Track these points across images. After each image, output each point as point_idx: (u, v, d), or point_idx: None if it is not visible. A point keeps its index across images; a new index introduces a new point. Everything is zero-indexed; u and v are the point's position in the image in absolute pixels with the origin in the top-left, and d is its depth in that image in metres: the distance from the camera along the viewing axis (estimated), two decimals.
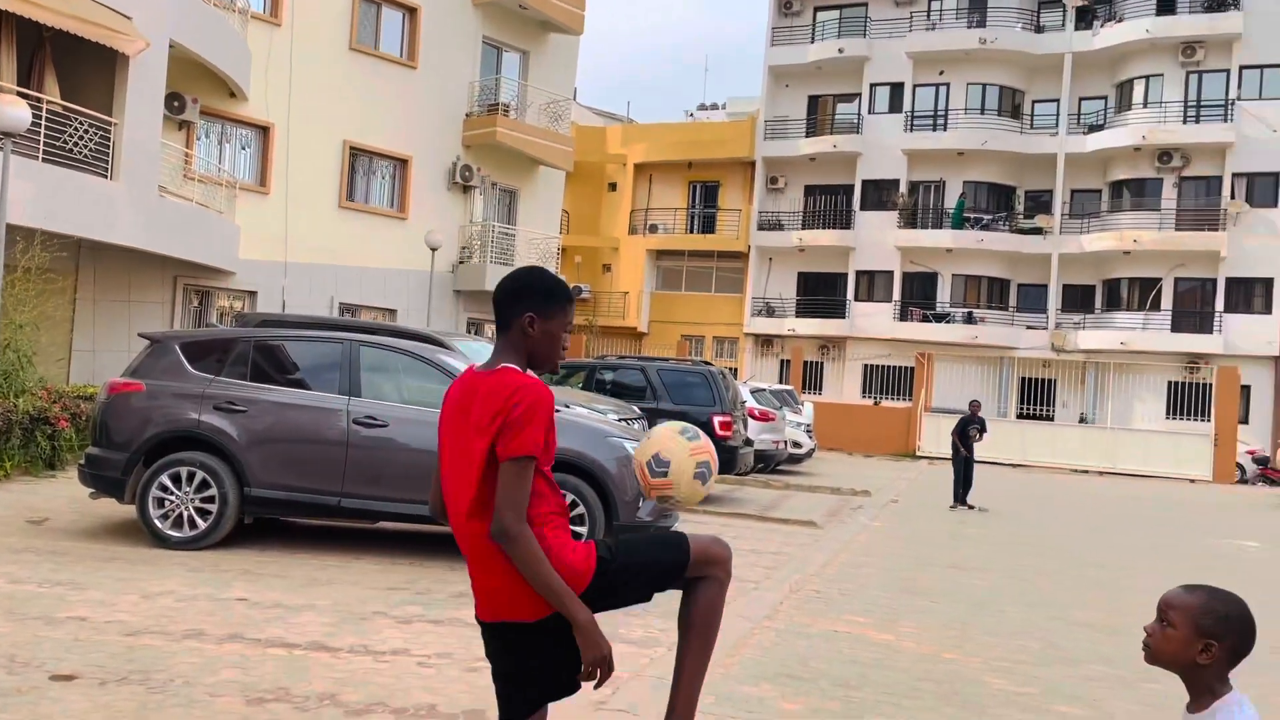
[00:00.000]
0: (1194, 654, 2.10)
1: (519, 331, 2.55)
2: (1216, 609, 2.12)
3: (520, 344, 2.55)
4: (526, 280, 2.59)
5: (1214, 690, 2.12)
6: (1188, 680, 2.15)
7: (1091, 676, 5.72)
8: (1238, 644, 2.11)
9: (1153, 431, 26.91)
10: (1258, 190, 29.48)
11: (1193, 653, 2.10)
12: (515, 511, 2.38)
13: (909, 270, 33.24)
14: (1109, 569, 9.88)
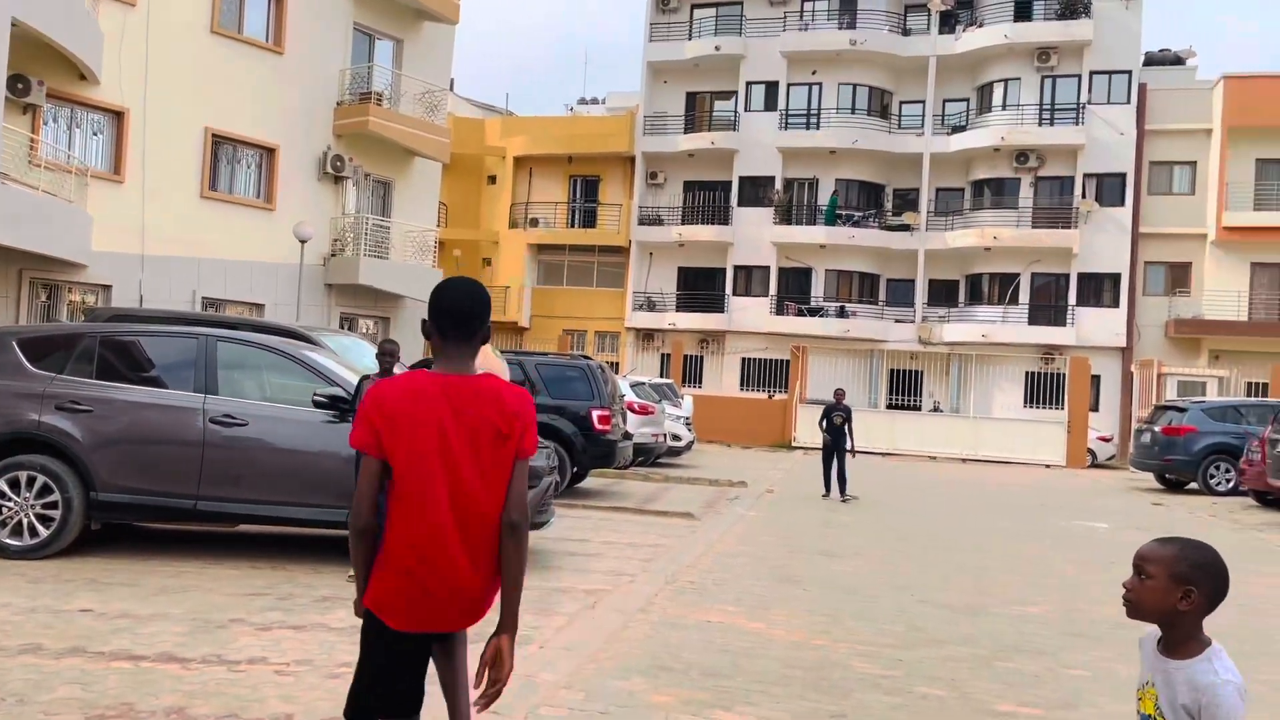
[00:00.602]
0: (1174, 602, 2.17)
1: (480, 340, 2.67)
2: (1191, 556, 2.19)
3: (472, 352, 2.66)
4: (485, 296, 2.69)
5: (1196, 638, 2.18)
6: (1168, 629, 2.21)
7: (952, 657, 5.92)
8: (1213, 590, 2.18)
9: (1012, 420, 28.20)
10: (1106, 190, 31.22)
11: (1173, 600, 2.17)
12: (527, 506, 2.63)
13: (785, 266, 33.93)
14: (971, 552, 10.28)
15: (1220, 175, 29.87)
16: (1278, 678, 5.82)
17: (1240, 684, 2.12)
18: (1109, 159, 30.91)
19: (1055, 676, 5.58)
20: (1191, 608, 2.16)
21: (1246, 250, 29.99)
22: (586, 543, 9.12)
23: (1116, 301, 30.91)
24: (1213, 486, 18.07)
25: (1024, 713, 4.88)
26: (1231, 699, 2.09)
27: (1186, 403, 19.64)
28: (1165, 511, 15.49)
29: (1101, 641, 6.50)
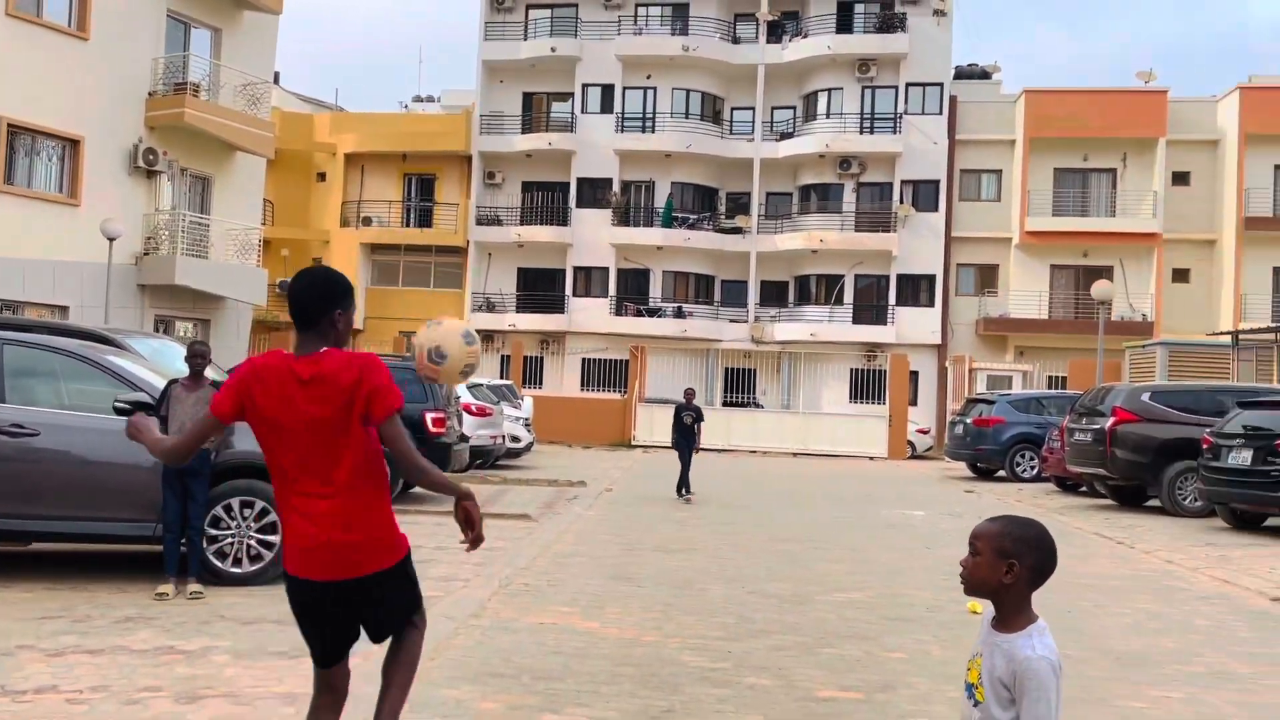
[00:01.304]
0: (1000, 576, 2.24)
1: (328, 325, 2.97)
2: (1014, 532, 2.27)
3: (329, 335, 2.97)
4: (331, 281, 3.03)
5: (1023, 612, 2.25)
6: (998, 603, 2.28)
7: (779, 646, 6.09)
8: (1036, 562, 2.25)
9: (838, 415, 29.43)
10: (922, 196, 33.02)
11: (998, 574, 2.24)
12: (415, 451, 2.96)
13: (623, 267, 34.26)
14: (800, 543, 10.63)
15: (1023, 183, 32.09)
16: (1075, 652, 6.25)
17: (1055, 661, 2.20)
18: (924, 166, 32.70)
19: (875, 660, 5.82)
20: (1014, 581, 2.23)
21: (1046, 253, 32.34)
22: (418, 549, 8.83)
23: (932, 301, 32.72)
24: (1019, 474, 19.37)
25: (845, 697, 5.07)
26: (1044, 674, 2.17)
27: (994, 396, 21.00)
28: (976, 499, 16.48)
29: (919, 624, 6.84)
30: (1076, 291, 31.33)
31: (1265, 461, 11.27)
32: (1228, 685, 5.54)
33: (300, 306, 2.98)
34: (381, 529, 3.01)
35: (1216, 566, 9.65)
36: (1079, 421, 14.86)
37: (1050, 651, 2.21)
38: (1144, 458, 13.71)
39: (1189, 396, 14.29)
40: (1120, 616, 7.33)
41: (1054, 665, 2.20)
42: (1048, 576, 2.30)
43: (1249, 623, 7.28)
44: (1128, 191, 32.02)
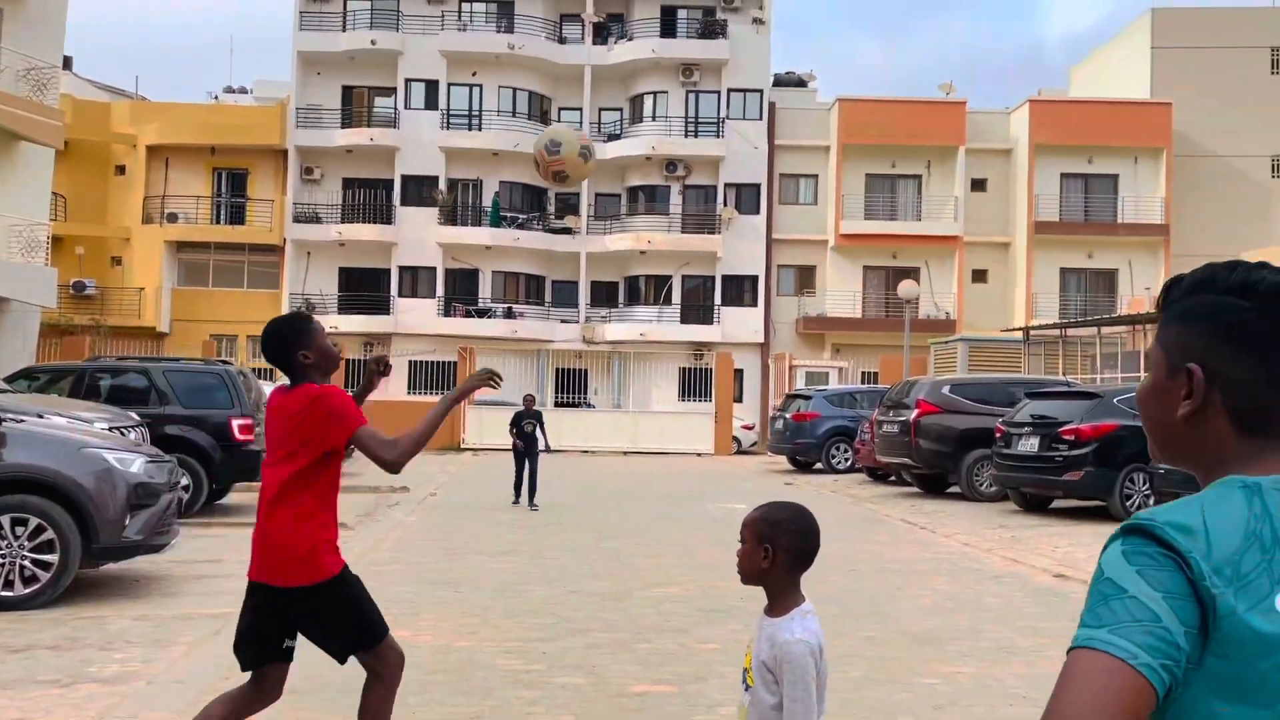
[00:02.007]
0: (759, 562, 2.25)
1: (298, 366, 3.36)
2: (770, 516, 2.28)
3: (301, 374, 3.35)
4: (280, 333, 3.40)
5: (787, 596, 2.26)
6: (766, 588, 2.29)
7: (596, 644, 6.08)
8: (792, 545, 2.25)
9: (668, 413, 29.90)
10: (744, 199, 34.00)
11: (758, 561, 2.25)
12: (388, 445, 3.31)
13: (451, 267, 33.65)
14: (623, 539, 10.70)
15: (837, 188, 33.54)
16: (876, 634, 6.54)
17: (814, 643, 2.21)
18: (746, 170, 33.68)
19: (689, 653, 5.90)
20: (772, 565, 2.25)
21: (859, 255, 33.92)
22: (221, 563, 8.41)
23: (755, 301, 33.75)
24: (834, 465, 20.22)
25: (658, 691, 5.10)
26: (801, 657, 2.18)
27: (811, 391, 21.85)
28: (794, 490, 17.06)
29: (732, 615, 6.98)
30: (887, 291, 33.00)
31: (1050, 448, 12.17)
32: (1013, 658, 5.92)
33: (270, 360, 3.44)
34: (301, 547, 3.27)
35: (1008, 547, 10.33)
36: (887, 414, 15.62)
37: (810, 634, 2.23)
38: (945, 447, 14.55)
39: (984, 389, 15.27)
40: (919, 598, 7.73)
41: (813, 648, 2.22)
42: (809, 558, 2.31)
43: (1034, 599, 7.81)
44: (932, 197, 33.99)
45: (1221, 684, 1.01)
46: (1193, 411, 1.15)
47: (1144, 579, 1.02)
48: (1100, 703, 0.96)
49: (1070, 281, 33.44)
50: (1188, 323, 1.17)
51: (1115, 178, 33.33)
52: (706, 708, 4.83)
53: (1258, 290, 1.14)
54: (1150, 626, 0.99)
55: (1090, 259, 33.22)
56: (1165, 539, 1.03)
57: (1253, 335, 1.13)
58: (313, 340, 3.38)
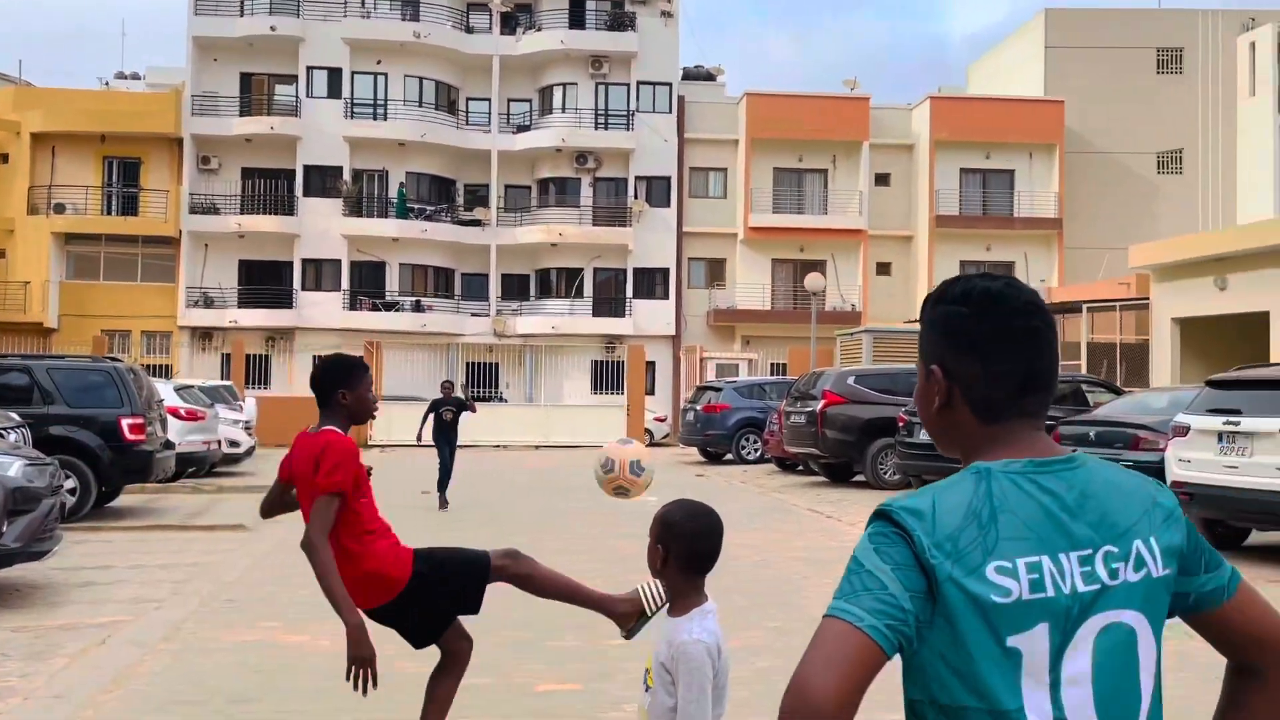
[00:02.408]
0: (656, 560, 2.23)
1: (336, 403, 3.56)
2: (665, 517, 2.23)
3: (338, 412, 3.56)
4: (332, 368, 3.64)
5: (686, 595, 2.22)
6: (667, 587, 2.27)
7: (504, 642, 5.99)
8: (684, 548, 2.22)
9: (580, 406, 29.81)
10: (654, 192, 34.08)
11: (656, 559, 2.23)
12: (318, 532, 3.34)
13: (357, 259, 32.95)
14: (534, 534, 10.58)
15: (746, 181, 33.88)
16: (783, 623, 6.59)
17: (711, 644, 2.18)
18: (656, 163, 33.76)
19: (596, 650, 5.86)
20: (665, 566, 2.23)
21: (768, 248, 34.34)
22: (109, 569, 8.06)
23: (667, 294, 33.89)
24: (744, 456, 20.43)
25: (563, 690, 5.05)
26: (697, 658, 2.15)
27: (722, 383, 22.03)
28: (705, 481, 17.19)
29: None
30: (795, 284, 33.49)
31: None
32: None
33: (313, 388, 3.63)
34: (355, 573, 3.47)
35: None
36: (794, 405, 15.84)
37: (708, 634, 2.20)
38: (850, 436, 14.82)
39: (888, 379, 15.59)
40: (825, 586, 7.82)
41: (709, 648, 2.19)
42: (705, 559, 2.27)
43: None
44: (837, 190, 34.59)
45: (949, 640, 1.19)
46: (941, 405, 1.33)
47: (878, 554, 1.20)
48: (832, 661, 1.13)
49: (970, 273, 34.41)
50: (931, 331, 1.36)
51: (1011, 173, 34.42)
52: (611, 704, 4.80)
53: (972, 297, 1.33)
54: (878, 594, 1.17)
55: (988, 251, 34.25)
56: (897, 520, 1.22)
57: (973, 337, 1.31)
58: (357, 386, 3.60)
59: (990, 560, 1.20)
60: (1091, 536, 1.24)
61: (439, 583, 3.70)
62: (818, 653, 1.15)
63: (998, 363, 1.30)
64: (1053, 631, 1.21)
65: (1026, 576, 1.20)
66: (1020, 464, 1.26)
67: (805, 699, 1.12)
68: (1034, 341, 1.31)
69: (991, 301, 1.32)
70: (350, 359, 3.82)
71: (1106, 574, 1.24)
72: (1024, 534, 1.21)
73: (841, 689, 1.12)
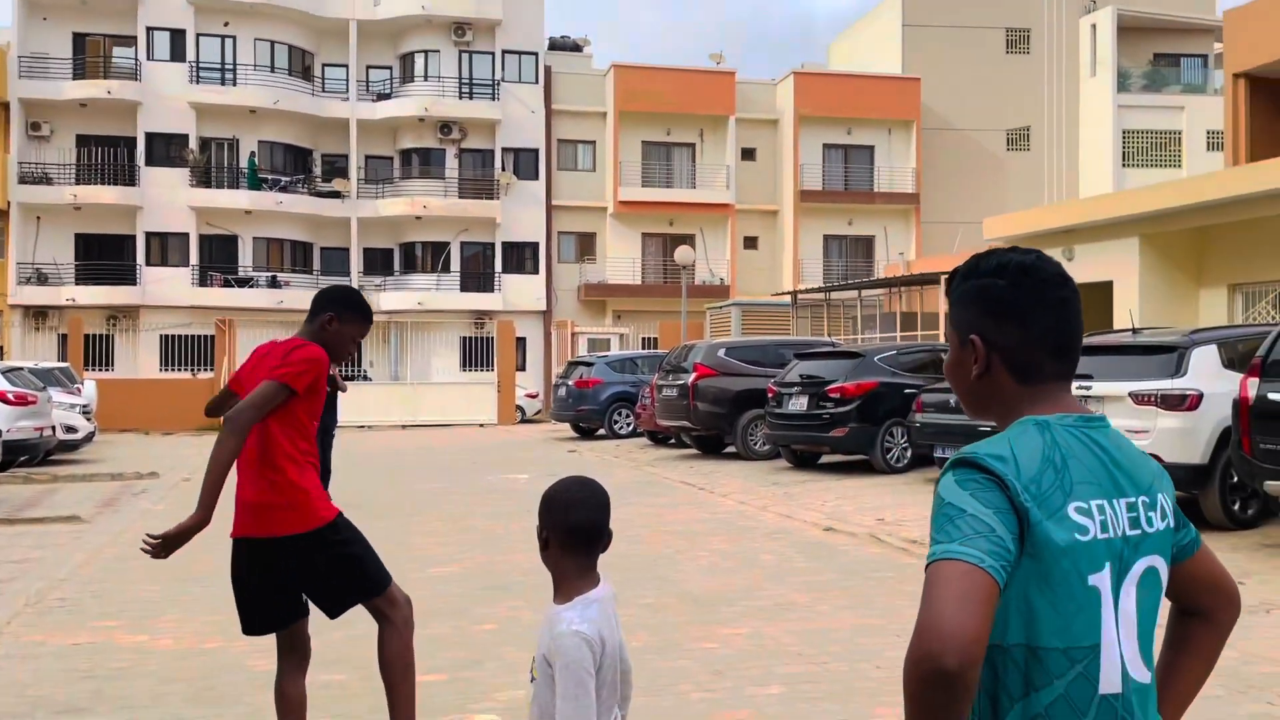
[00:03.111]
0: (540, 546, 2.14)
1: (319, 324, 3.43)
2: (542, 504, 2.12)
3: (318, 334, 3.42)
4: (333, 291, 3.54)
5: (568, 581, 2.09)
6: (556, 582, 2.14)
7: (361, 636, 5.62)
8: (559, 523, 2.10)
9: (449, 384, 29.17)
10: (523, 164, 33.50)
11: (541, 545, 2.13)
12: (247, 417, 3.16)
13: (207, 232, 31.27)
14: (397, 518, 10.19)
15: (614, 154, 33.67)
16: (655, 600, 6.47)
17: (591, 635, 2.04)
18: (524, 135, 33.16)
19: (464, 636, 5.60)
20: (549, 548, 2.11)
21: (638, 222, 34.28)
22: None
23: (537, 269, 33.45)
24: (617, 431, 20.35)
25: (428, 681, 4.77)
26: (572, 652, 2.02)
27: (593, 358, 21.86)
28: (577, 457, 17.03)
29: (511, 592, 6.73)
30: (665, 258, 33.57)
31: (818, 406, 12.66)
32: (787, 615, 6.00)
33: (313, 303, 3.51)
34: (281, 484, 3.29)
35: (781, 504, 10.65)
36: (666, 378, 15.81)
37: (587, 624, 2.05)
38: (721, 408, 14.89)
39: (757, 350, 15.73)
40: (698, 559, 7.77)
41: (588, 639, 2.04)
42: (586, 532, 2.13)
43: (806, 554, 8.04)
44: (706, 165, 34.78)
45: (1035, 578, 1.28)
46: (980, 373, 1.43)
47: (976, 499, 1.27)
48: (964, 598, 1.18)
49: (833, 247, 35.23)
50: (965, 304, 1.46)
51: (872, 149, 35.32)
52: (480, 694, 4.56)
53: (1008, 270, 1.43)
54: (989, 536, 1.23)
55: (850, 226, 35.12)
56: (987, 466, 1.29)
57: (1011, 306, 1.41)
58: (349, 322, 3.46)
59: (1070, 501, 1.30)
60: (1133, 486, 1.37)
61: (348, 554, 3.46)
62: (946, 592, 1.18)
63: (1035, 328, 1.40)
64: (1113, 572, 1.32)
65: (1098, 517, 1.31)
66: (1071, 418, 1.37)
67: (947, 637, 1.15)
68: (1065, 310, 1.42)
69: (1025, 273, 1.42)
70: (357, 298, 3.60)
71: (1145, 521, 1.36)
72: (1089, 479, 1.32)
73: (981, 625, 1.17)
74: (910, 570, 7.25)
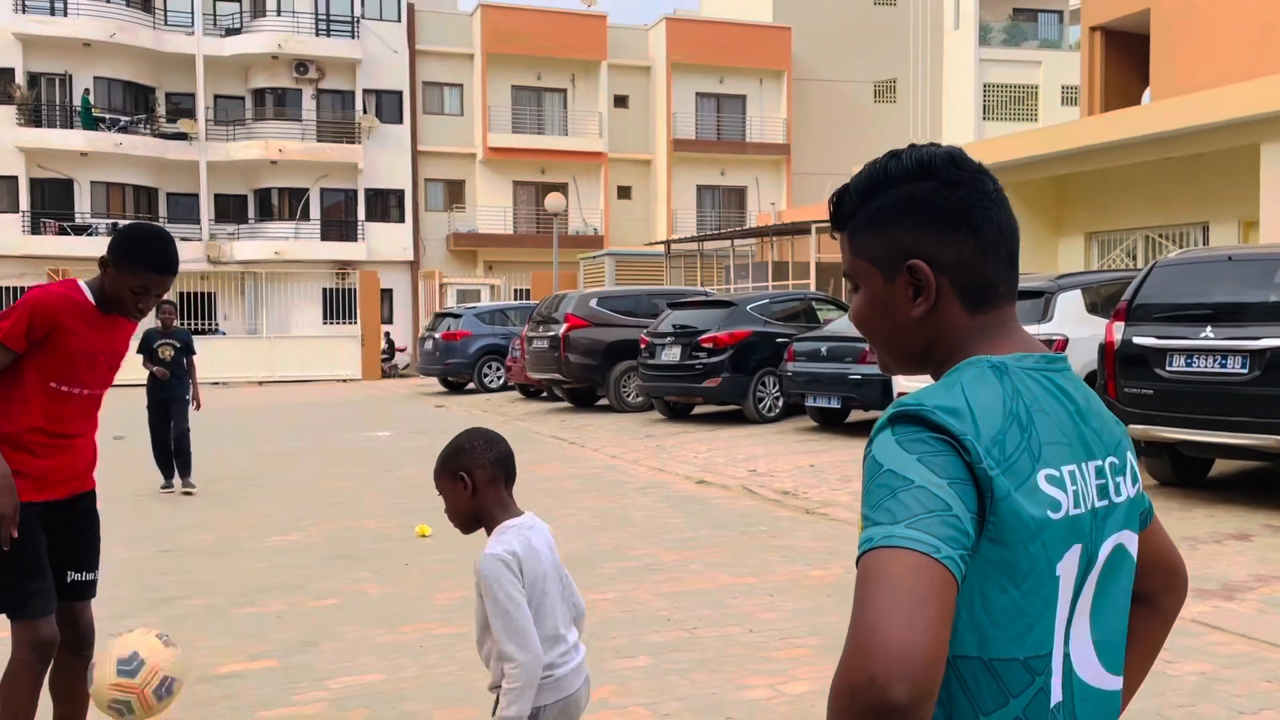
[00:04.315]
0: (465, 497, 2.19)
1: (101, 271, 2.97)
2: (457, 447, 2.22)
3: (100, 279, 2.98)
4: (118, 234, 3.00)
5: (495, 518, 2.20)
6: (484, 522, 2.22)
7: (184, 614, 5.07)
8: (486, 460, 2.20)
9: (309, 337, 27.88)
10: (386, 107, 31.99)
11: (464, 497, 2.19)
12: None
13: (38, 176, 28.83)
14: (238, 482, 9.45)
15: (483, 99, 32.51)
16: None
17: (502, 554, 2.10)
18: (386, 76, 31.64)
19: (300, 613, 5.06)
20: (476, 493, 2.19)
21: (509, 169, 33.31)
22: None
23: (403, 217, 32.17)
24: (486, 384, 19.74)
25: (253, 669, 4.24)
26: (490, 571, 2.09)
27: (461, 309, 21.10)
28: (445, 413, 16.40)
29: (360, 561, 6.20)
30: (537, 207, 32.75)
31: (691, 356, 12.40)
32: (656, 576, 5.68)
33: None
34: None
35: (653, 457, 10.36)
36: (537, 330, 15.29)
37: (503, 546, 2.13)
38: (593, 360, 14.49)
39: (630, 300, 15.35)
40: (565, 518, 7.38)
41: (500, 558, 2.11)
42: (505, 465, 2.25)
43: (678, 508, 7.75)
44: (578, 112, 33.97)
45: (996, 569, 0.97)
46: (926, 309, 1.10)
47: (926, 466, 0.96)
48: (917, 603, 0.88)
49: (706, 198, 35.10)
50: (883, 225, 1.11)
51: (744, 98, 35.17)
52: (312, 682, 4.06)
53: (934, 166, 1.10)
54: (944, 516, 0.93)
55: (723, 176, 35.02)
56: (938, 423, 0.98)
57: (954, 210, 1.09)
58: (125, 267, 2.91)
59: (1040, 467, 1.01)
60: (1100, 445, 1.09)
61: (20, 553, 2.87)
62: (892, 594, 0.88)
63: (987, 233, 1.10)
64: (1081, 557, 1.04)
65: (1070, 488, 1.03)
66: (1033, 359, 1.08)
67: (895, 658, 0.85)
68: (1005, 206, 1.12)
69: (956, 165, 1.11)
70: (137, 240, 2.97)
71: (1113, 488, 1.09)
72: (1059, 438, 1.04)
73: (940, 641, 0.88)
74: (783, 524, 7.04)
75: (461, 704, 3.78)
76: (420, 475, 9.53)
